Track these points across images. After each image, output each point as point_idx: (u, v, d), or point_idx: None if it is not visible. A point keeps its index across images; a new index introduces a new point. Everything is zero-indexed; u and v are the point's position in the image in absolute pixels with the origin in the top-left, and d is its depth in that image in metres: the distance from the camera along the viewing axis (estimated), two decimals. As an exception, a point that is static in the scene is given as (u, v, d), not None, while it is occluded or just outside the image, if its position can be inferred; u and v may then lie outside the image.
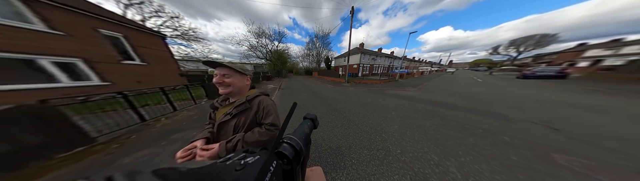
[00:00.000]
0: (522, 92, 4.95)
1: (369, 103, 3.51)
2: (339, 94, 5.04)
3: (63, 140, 1.48)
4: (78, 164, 1.37)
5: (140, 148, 1.62)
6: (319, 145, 1.63)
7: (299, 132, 0.28)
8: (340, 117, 2.56)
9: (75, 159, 1.43)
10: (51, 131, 1.42)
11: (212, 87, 4.22)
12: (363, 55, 16.11)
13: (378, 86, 7.09)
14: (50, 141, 1.40)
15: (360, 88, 6.54)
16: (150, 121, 2.32)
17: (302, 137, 0.26)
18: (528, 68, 11.20)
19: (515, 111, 2.75)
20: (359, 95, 4.68)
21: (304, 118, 0.37)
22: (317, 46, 23.68)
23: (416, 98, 4.01)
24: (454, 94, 4.66)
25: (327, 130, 2.02)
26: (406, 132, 1.90)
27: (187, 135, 1.92)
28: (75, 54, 3.30)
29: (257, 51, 19.11)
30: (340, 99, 4.12)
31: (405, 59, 28.53)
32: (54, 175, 1.23)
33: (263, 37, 18.48)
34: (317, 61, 24.55)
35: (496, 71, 23.04)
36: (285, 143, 0.24)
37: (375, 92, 5.26)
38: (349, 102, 3.73)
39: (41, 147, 1.35)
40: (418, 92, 5.21)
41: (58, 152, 1.44)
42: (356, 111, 2.87)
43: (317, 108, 3.14)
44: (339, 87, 7.01)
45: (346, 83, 8.92)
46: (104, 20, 3.87)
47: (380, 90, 5.67)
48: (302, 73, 25.76)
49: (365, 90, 5.94)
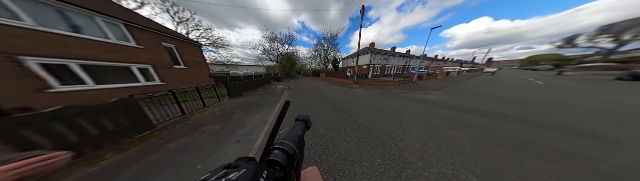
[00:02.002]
0: (633, 99, 3.59)
1: (381, 107, 3.34)
2: (347, 96, 5.00)
3: (139, 125, 2.04)
4: (145, 144, 1.85)
5: (180, 137, 2.01)
6: (327, 148, 1.61)
7: (292, 134, 0.27)
8: (348, 120, 2.49)
9: (144, 140, 1.93)
10: (134, 117, 1.97)
11: (234, 87, 5.13)
12: (373, 55, 15.64)
13: (391, 88, 6.74)
14: (133, 125, 1.96)
15: (370, 90, 6.35)
16: (188, 114, 2.94)
17: (295, 140, 0.25)
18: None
19: (621, 127, 1.99)
20: (369, 98, 4.52)
21: (295, 120, 0.35)
22: (325, 48, 24.44)
23: (440, 103, 3.62)
24: (496, 100, 3.94)
25: (335, 133, 1.99)
26: (429, 143, 1.69)
27: (212, 128, 2.31)
28: (149, 62, 4.82)
29: (270, 54, 21.72)
30: (349, 101, 4.05)
31: (424, 58, 25.28)
32: (134, 149, 1.72)
33: (275, 41, 21.04)
34: (324, 62, 25.33)
35: (571, 70, 18.13)
36: (277, 149, 0.22)
37: (388, 95, 5.01)
38: (358, 104, 3.64)
39: (127, 129, 1.90)
40: (443, 95, 4.71)
41: (135, 133, 1.99)
42: (366, 114, 2.77)
43: (324, 110, 3.17)
44: (347, 89, 6.96)
45: (355, 84, 8.83)
46: (165, 35, 5.45)
47: (393, 93, 5.38)
48: (310, 75, 27.25)
49: (376, 92, 5.74)
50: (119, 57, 4.00)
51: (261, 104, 3.98)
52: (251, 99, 4.78)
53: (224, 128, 2.32)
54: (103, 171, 1.39)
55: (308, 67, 30.85)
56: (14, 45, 2.56)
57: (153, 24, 5.79)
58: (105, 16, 3.72)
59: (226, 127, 2.40)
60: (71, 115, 1.46)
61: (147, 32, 4.78)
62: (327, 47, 24.27)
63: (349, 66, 20.80)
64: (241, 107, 3.66)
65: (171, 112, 2.73)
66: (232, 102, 4.29)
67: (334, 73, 14.26)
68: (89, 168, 1.42)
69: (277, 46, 21.42)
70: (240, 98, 4.90)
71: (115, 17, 3.86)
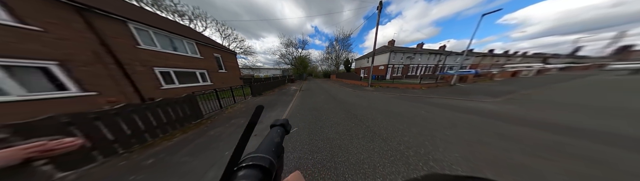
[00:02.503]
0: None
1: (402, 114, 2.92)
2: (359, 99, 4.75)
3: (195, 114, 2.77)
4: (197, 129, 2.49)
5: (217, 126, 2.53)
6: (335, 154, 1.52)
7: (267, 143, 0.23)
8: (360, 125, 2.33)
9: (196, 126, 2.59)
10: (193, 109, 2.73)
11: (256, 87, 6.29)
12: (393, 54, 14.09)
13: (417, 92, 5.83)
14: (192, 114, 2.70)
15: (388, 93, 5.79)
16: (224, 109, 3.74)
17: (272, 149, 0.22)
18: None
19: None
20: (387, 102, 4.10)
21: (271, 126, 0.31)
22: (336, 49, 24.91)
23: (500, 115, 2.68)
24: (618, 113, 2.66)
25: (345, 139, 1.87)
26: (483, 170, 1.24)
27: (238, 121, 2.78)
28: (205, 68, 7.01)
29: (286, 58, 24.84)
30: (362, 105, 3.82)
31: (470, 54, 18.83)
32: (191, 133, 2.34)
33: (290, 46, 24.10)
34: (335, 64, 25.87)
35: None
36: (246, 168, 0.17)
37: (413, 100, 4.37)
38: (373, 109, 3.36)
39: (189, 117, 2.65)
40: (506, 104, 3.53)
41: (192, 120, 2.72)
42: (383, 122, 2.48)
43: (334, 113, 3.10)
44: (360, 91, 6.61)
45: (369, 87, 8.24)
46: (215, 48, 7.80)
47: (419, 98, 4.64)
48: (321, 76, 28.35)
49: (396, 96, 5.16)
50: (191, 65, 6.15)
51: (276, 103, 4.46)
52: (268, 98, 5.47)
53: (247, 122, 3.12)
54: (175, 145, 1.93)
55: (319, 69, 32.20)
56: (151, 60, 4.71)
57: (210, 40, 8.26)
58: (189, 39, 5.80)
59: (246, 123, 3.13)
60: (165, 104, 2.23)
61: (207, 47, 6.98)
62: (338, 48, 24.68)
63: (362, 67, 19.55)
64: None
65: (213, 106, 3.52)
66: (254, 100, 5.14)
67: (346, 74, 14.14)
68: (168, 142, 2.04)
69: (291, 50, 24.36)
70: (260, 97, 5.77)
71: (192, 38, 5.92)
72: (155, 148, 1.87)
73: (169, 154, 1.73)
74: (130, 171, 1.41)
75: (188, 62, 5.85)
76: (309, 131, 2.23)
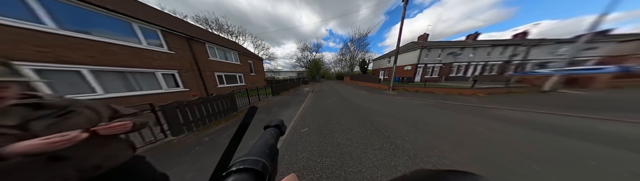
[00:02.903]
0: None
1: (439, 127, 2.24)
2: (376, 104, 4.23)
3: (233, 107, 3.66)
4: (233, 119, 3.19)
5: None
6: (345, 163, 1.39)
7: (260, 145, 0.22)
8: (377, 135, 2.02)
9: (232, 117, 3.37)
10: (232, 103, 3.63)
11: (276, 87, 7.52)
12: (426, 50, 11.22)
13: (466, 100, 4.30)
14: (231, 107, 3.57)
15: (417, 98, 4.75)
16: (253, 104, 4.68)
17: (265, 151, 0.21)
18: None
19: None
20: (416, 110, 3.34)
21: (265, 127, 0.29)
22: (352, 50, 24.12)
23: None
24: None
25: (358, 148, 1.67)
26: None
27: (259, 116, 3.38)
28: (242, 72, 9.36)
29: (301, 62, 27.56)
30: (379, 111, 3.34)
31: (600, 39, 10.70)
32: (230, 121, 3.05)
33: (306, 51, 26.78)
34: (350, 65, 25.13)
35: None
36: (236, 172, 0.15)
37: (458, 109, 3.27)
38: (395, 117, 2.85)
39: (229, 109, 3.53)
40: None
41: (231, 112, 3.59)
42: (409, 134, 2.02)
43: (345, 117, 2.94)
44: (378, 95, 5.93)
45: (390, 90, 7.17)
46: (249, 56, 10.14)
47: (471, 108, 3.38)
48: (333, 78, 28.80)
49: (429, 103, 4.12)
50: (234, 70, 8.36)
51: (290, 103, 4.91)
52: (285, 98, 6.13)
53: (266, 118, 3.32)
54: (220, 130, 2.59)
55: (332, 70, 32.80)
56: (214, 67, 6.92)
57: (246, 50, 10.74)
58: (234, 50, 8.01)
59: (267, 117, 3.38)
60: (218, 99, 3.10)
61: (244, 55, 9.26)
62: (354, 49, 23.79)
63: (382, 68, 17.11)
64: (278, 104, 4.87)
65: (244, 102, 4.45)
66: (273, 99, 5.93)
67: (362, 76, 13.12)
68: (217, 126, 2.74)
69: (306, 54, 26.90)
70: (278, 97, 6.57)
71: (236, 50, 8.10)
72: (209, 130, 2.50)
73: (216, 135, 2.28)
74: (196, 144, 2.01)
75: (233, 68, 8.08)
76: (319, 133, 2.19)
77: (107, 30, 3.39)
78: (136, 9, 4.18)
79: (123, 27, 3.64)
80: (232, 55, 8.17)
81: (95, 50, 3.09)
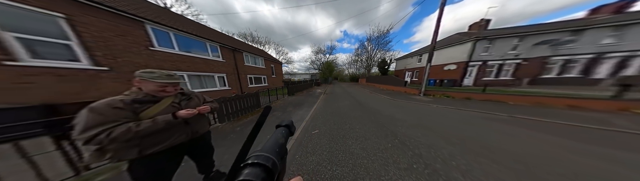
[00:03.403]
0: None
1: (538, 160, 1.44)
2: (401, 111, 3.51)
3: (257, 104, 4.33)
4: (256, 115, 3.78)
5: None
6: (359, 176, 1.24)
7: (271, 143, 0.24)
8: (404, 151, 1.63)
9: (255, 113, 4.00)
10: (256, 101, 4.33)
11: (291, 88, 8.24)
12: (484, 42, 7.84)
13: (600, 119, 2.60)
14: (255, 104, 4.27)
15: (466, 108, 3.56)
16: (270, 103, 5.33)
17: (276, 149, 0.22)
18: None
19: None
20: (463, 124, 2.47)
21: (276, 126, 0.32)
22: (369, 50, 21.95)
23: None
24: None
25: (377, 162, 1.43)
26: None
27: (275, 114, 3.73)
28: (265, 74, 11.20)
29: (314, 64, 28.75)
30: (406, 121, 2.75)
31: None
32: (250, 118, 3.58)
33: (319, 53, 27.85)
34: (366, 66, 23.06)
35: None
36: (250, 165, 0.17)
37: (578, 135, 2.05)
38: (431, 131, 2.21)
39: (253, 106, 4.21)
40: None
41: (255, 109, 4.26)
42: (458, 158, 1.49)
43: (361, 123, 2.65)
44: (404, 101, 4.90)
45: (421, 95, 5.76)
46: (271, 61, 12.04)
47: (617, 137, 2.00)
48: (347, 80, 27.95)
49: (491, 117, 2.93)
50: (261, 73, 10.19)
51: (303, 103, 5.14)
52: (298, 98, 6.51)
53: (281, 116, 3.59)
54: (247, 122, 3.11)
55: (346, 72, 31.74)
56: (247, 71, 8.78)
57: (270, 55, 12.94)
58: (261, 57, 9.84)
59: (283, 115, 3.66)
60: (247, 96, 3.79)
61: (268, 60, 11.17)
62: (371, 48, 21.58)
63: (409, 68, 13.98)
64: (292, 103, 5.22)
65: (265, 100, 5.16)
66: (289, 99, 6.45)
67: (381, 78, 11.32)
68: (245, 119, 3.37)
69: (320, 57, 27.88)
70: (293, 97, 7.06)
71: (262, 56, 9.92)
72: (240, 122, 3.03)
73: (244, 127, 2.73)
74: (231, 132, 2.53)
75: (259, 71, 9.93)
76: (330, 137, 2.10)
77: (195, 49, 5.48)
78: (208, 33, 6.41)
79: (201, 45, 5.73)
80: (260, 61, 10.16)
81: (190, 62, 4.96)
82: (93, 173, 1.37)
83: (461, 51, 8.71)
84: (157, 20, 4.04)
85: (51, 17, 2.54)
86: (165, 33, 4.44)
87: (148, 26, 3.99)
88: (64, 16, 2.67)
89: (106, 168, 1.43)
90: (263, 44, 24.31)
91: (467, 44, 8.40)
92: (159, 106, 0.79)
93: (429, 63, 5.55)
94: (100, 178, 1.33)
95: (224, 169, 1.28)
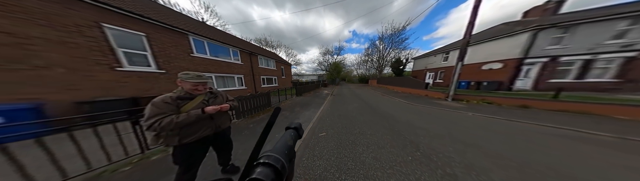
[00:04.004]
0: None
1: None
2: (422, 118, 3.05)
3: (268, 103, 4.78)
4: (267, 113, 4.12)
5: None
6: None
7: (281, 145, 0.25)
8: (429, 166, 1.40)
9: (266, 111, 4.34)
10: (267, 100, 4.74)
11: (299, 89, 8.71)
12: (551, 32, 5.91)
13: None
14: (266, 103, 4.69)
15: (523, 120, 2.77)
16: (280, 102, 5.68)
17: (285, 151, 0.23)
18: None
19: None
20: (523, 141, 1.94)
21: (286, 128, 0.34)
22: (380, 49, 20.23)
23: None
24: None
25: (393, 176, 1.26)
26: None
27: (284, 113, 3.91)
28: (276, 75, 12.11)
29: (322, 65, 29.24)
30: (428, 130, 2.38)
31: None
32: (261, 116, 3.94)
33: (327, 55, 28.27)
34: (377, 66, 21.44)
35: None
36: (262, 165, 0.19)
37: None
38: (471, 146, 1.78)
39: (264, 105, 4.61)
40: None
41: (266, 107, 4.68)
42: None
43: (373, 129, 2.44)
44: (426, 106, 4.23)
45: (449, 100, 4.90)
46: (282, 63, 12.97)
47: None
48: (356, 81, 27.17)
49: (582, 136, 2.12)
50: (272, 74, 11.18)
51: (310, 104, 5.26)
52: (305, 99, 6.70)
53: (289, 116, 3.76)
54: (258, 120, 3.41)
55: (354, 73, 30.88)
56: (261, 72, 9.81)
57: (280, 58, 14.15)
58: (273, 59, 10.87)
59: (291, 115, 3.83)
60: (260, 95, 4.22)
61: (279, 62, 12.17)
62: (383, 47, 19.88)
63: (430, 68, 12.20)
64: (299, 104, 5.41)
65: (275, 99, 5.55)
66: (296, 99, 6.70)
67: (396, 80, 10.27)
68: (258, 117, 3.69)
69: (328, 58, 28.26)
70: (300, 97, 7.34)
71: (274, 59, 10.97)
72: (252, 119, 3.35)
73: (256, 124, 3.01)
74: (245, 128, 2.82)
75: (271, 72, 10.93)
76: (337, 142, 2.01)
77: (221, 54, 6.64)
78: (230, 40, 7.88)
79: (225, 51, 6.90)
80: (272, 63, 11.20)
81: (217, 65, 6.07)
82: (151, 152, 1.83)
83: (510, 45, 6.76)
84: (197, 32, 5.25)
85: (139, 36, 3.69)
86: (201, 42, 5.61)
87: (190, 37, 5.15)
88: (144, 34, 3.83)
89: (159, 150, 1.87)
90: (275, 47, 26.52)
91: (520, 36, 6.44)
92: (193, 102, 0.97)
93: (460, 61, 4.54)
94: (155, 157, 1.78)
95: (238, 163, 1.45)
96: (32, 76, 2.44)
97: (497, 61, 7.31)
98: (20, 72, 2.37)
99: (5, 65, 2.28)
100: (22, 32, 2.36)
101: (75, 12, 2.80)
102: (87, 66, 2.91)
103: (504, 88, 6.92)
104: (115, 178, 1.40)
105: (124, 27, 3.37)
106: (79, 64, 2.82)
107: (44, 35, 2.52)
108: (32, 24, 2.43)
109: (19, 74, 2.36)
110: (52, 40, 2.58)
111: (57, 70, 2.62)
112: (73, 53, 2.77)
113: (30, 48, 2.43)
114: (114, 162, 1.57)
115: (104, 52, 3.13)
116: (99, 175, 1.44)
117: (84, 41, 2.89)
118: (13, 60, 2.31)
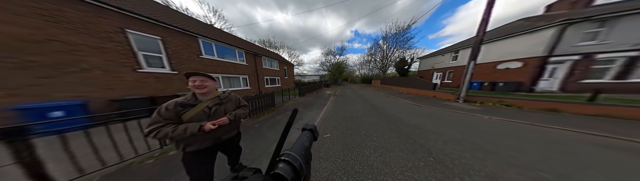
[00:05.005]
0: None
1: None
2: (432, 121, 2.95)
3: (272, 103, 4.96)
4: (272, 113, 4.26)
5: (279, 114, 4.03)
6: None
7: (298, 146, 0.27)
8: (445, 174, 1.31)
9: (271, 111, 4.52)
10: (271, 100, 4.95)
11: (302, 89, 8.70)
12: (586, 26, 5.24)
13: None
14: (271, 103, 4.90)
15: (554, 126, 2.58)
16: (283, 103, 5.88)
17: (302, 152, 0.25)
18: None
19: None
20: (561, 152, 1.72)
21: (302, 129, 0.35)
22: (384, 48, 20.12)
23: None
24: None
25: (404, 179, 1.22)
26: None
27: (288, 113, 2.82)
28: (279, 76, 12.47)
29: (324, 66, 29.59)
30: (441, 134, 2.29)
31: None
32: (269, 114, 4.12)
33: (329, 55, 28.72)
34: (381, 66, 21.31)
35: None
36: (283, 161, 0.21)
37: None
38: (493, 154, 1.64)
39: (269, 104, 4.80)
40: None
41: (271, 107, 4.90)
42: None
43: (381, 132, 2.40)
44: (435, 108, 4.17)
45: (460, 101, 4.71)
46: (284, 63, 13.25)
47: None
48: (358, 82, 27.33)
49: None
50: (275, 74, 11.45)
51: (313, 104, 5.40)
52: (308, 99, 6.83)
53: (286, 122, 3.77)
54: (263, 120, 3.57)
55: (357, 73, 31.07)
56: (265, 73, 10.19)
57: (283, 58, 14.58)
58: (276, 60, 11.25)
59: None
60: (264, 96, 4.39)
61: (281, 63, 12.50)
62: (387, 47, 19.71)
63: (438, 68, 12.00)
64: (303, 104, 5.57)
65: (278, 100, 5.72)
66: (299, 99, 6.87)
67: (401, 80, 10.20)
68: (263, 117, 3.87)
69: (330, 58, 28.72)
70: (303, 97, 7.49)
71: (277, 59, 11.33)
72: (258, 119, 3.53)
73: (261, 124, 3.17)
74: (250, 128, 2.96)
75: (274, 73, 11.29)
76: (343, 144, 2.02)
77: (227, 55, 7.10)
78: (236, 41, 8.40)
79: (232, 52, 7.34)
80: (275, 63, 11.60)
81: (223, 66, 6.69)
82: (169, 148, 2.03)
83: (532, 42, 6.23)
84: (205, 35, 5.69)
85: (155, 39, 4.08)
86: (209, 44, 6.02)
87: (200, 39, 5.54)
88: (160, 38, 4.23)
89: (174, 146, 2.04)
90: (278, 48, 27.31)
91: (544, 32, 5.89)
92: (193, 110, 0.89)
93: (473, 60, 4.32)
94: (172, 152, 1.96)
95: (245, 163, 1.56)
96: (81, 77, 2.93)
97: (515, 60, 6.76)
98: (74, 74, 2.87)
99: (65, 68, 2.80)
100: (71, 40, 2.85)
101: (104, 20, 3.24)
102: (116, 68, 3.34)
103: (525, 90, 6.37)
104: (142, 169, 1.62)
105: (143, 32, 3.77)
106: (110, 66, 3.26)
107: (85, 41, 2.98)
108: (76, 33, 2.90)
109: (73, 76, 2.87)
110: (91, 46, 3.04)
111: (96, 71, 3.08)
112: (106, 56, 3.22)
113: (78, 53, 2.92)
114: (140, 155, 1.81)
115: (128, 55, 3.57)
116: (129, 165, 1.67)
117: (112, 46, 3.33)
118: (68, 64, 2.83)
